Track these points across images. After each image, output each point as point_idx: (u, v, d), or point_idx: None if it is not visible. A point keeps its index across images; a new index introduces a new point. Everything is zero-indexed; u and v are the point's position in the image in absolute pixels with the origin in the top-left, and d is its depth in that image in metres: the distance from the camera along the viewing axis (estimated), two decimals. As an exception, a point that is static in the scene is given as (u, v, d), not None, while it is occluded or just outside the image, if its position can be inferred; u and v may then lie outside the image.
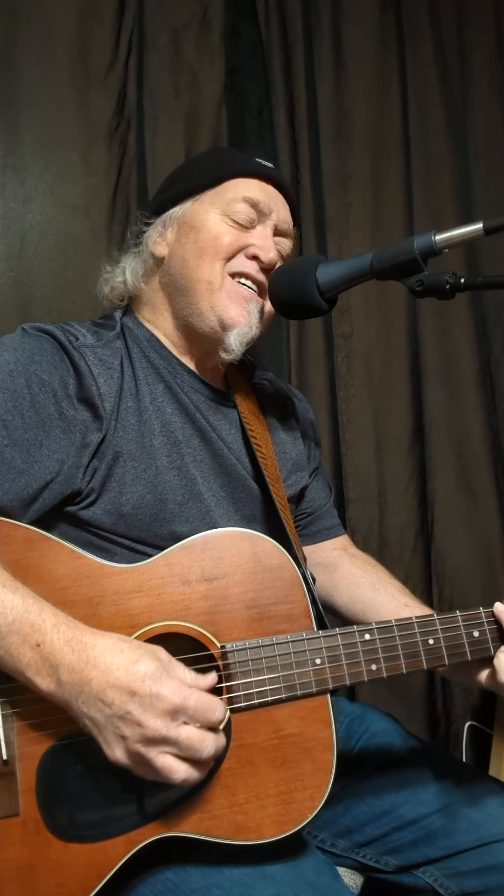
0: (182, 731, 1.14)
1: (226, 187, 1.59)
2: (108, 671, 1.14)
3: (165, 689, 1.13)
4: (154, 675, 1.14)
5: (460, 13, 3.05)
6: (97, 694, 1.14)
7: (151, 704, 1.13)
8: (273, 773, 1.28)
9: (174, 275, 1.60)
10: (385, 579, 1.79)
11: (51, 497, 1.39)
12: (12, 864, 1.20)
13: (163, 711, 1.13)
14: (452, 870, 1.53)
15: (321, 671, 1.32)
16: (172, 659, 1.19)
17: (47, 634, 1.17)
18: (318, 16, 2.80)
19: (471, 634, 1.39)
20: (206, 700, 1.16)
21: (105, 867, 1.22)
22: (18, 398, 1.38)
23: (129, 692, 1.13)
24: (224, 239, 1.56)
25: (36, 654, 1.17)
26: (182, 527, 1.47)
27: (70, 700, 1.16)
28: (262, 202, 1.59)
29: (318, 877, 1.30)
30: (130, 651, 1.17)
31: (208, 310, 1.55)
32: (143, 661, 1.15)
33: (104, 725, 1.15)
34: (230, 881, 1.26)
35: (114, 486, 1.44)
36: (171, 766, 1.14)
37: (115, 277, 1.69)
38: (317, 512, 1.88)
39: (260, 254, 1.56)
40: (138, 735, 1.13)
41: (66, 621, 1.19)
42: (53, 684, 1.16)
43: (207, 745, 1.15)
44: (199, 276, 1.55)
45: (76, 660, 1.15)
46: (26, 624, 1.17)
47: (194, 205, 1.60)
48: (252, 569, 1.33)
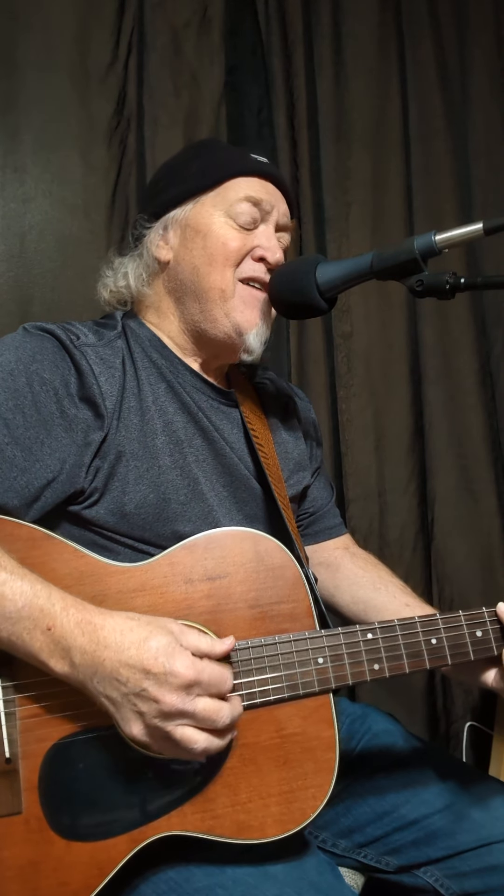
0: (198, 703, 1.15)
1: (227, 188, 1.59)
2: (120, 650, 1.16)
3: (179, 664, 1.14)
4: (167, 651, 1.15)
5: (460, 13, 3.06)
6: (111, 673, 1.15)
7: (166, 680, 1.14)
8: (275, 772, 1.28)
9: (183, 281, 1.59)
10: (386, 579, 1.79)
11: (53, 496, 1.39)
12: (15, 863, 1.20)
13: (178, 686, 1.14)
14: (453, 870, 1.52)
15: (324, 670, 1.31)
16: (184, 628, 1.21)
17: (57, 618, 1.18)
18: (318, 16, 2.80)
19: (474, 634, 1.39)
20: (217, 672, 1.18)
21: (107, 866, 1.22)
22: (20, 397, 1.37)
23: (142, 670, 1.14)
24: (232, 245, 1.55)
25: (48, 638, 1.18)
26: (185, 526, 1.47)
27: (85, 681, 1.17)
28: (265, 200, 1.58)
29: (320, 877, 1.30)
30: (140, 628, 1.18)
31: (223, 317, 1.55)
32: (155, 637, 1.16)
33: (121, 703, 1.16)
34: (233, 881, 1.26)
35: (116, 486, 1.43)
36: (190, 737, 1.16)
37: (116, 282, 1.67)
38: (319, 512, 1.87)
39: (267, 255, 1.56)
40: (155, 710, 1.14)
41: (75, 604, 1.20)
42: (67, 667, 1.18)
43: (224, 714, 1.17)
44: (212, 284, 1.55)
45: (87, 641, 1.17)
46: (36, 608, 1.18)
47: (196, 207, 1.59)
48: (254, 568, 1.33)
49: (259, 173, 1.61)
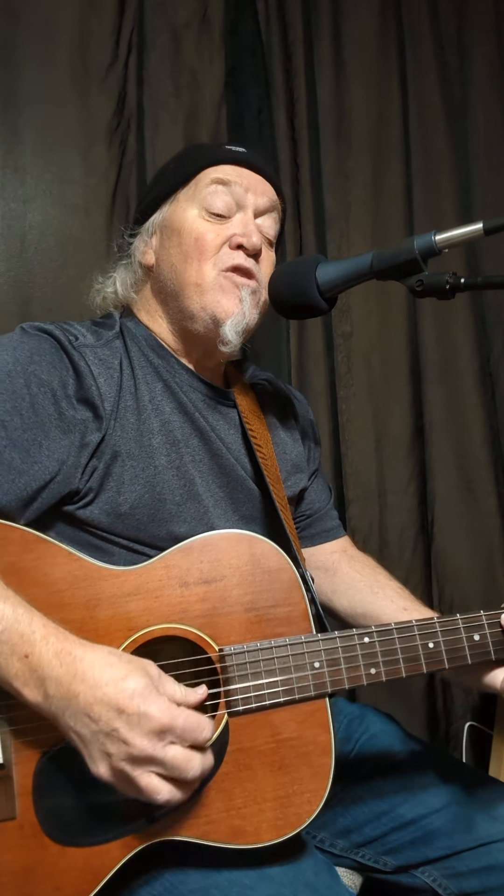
0: (168, 751, 1.12)
1: (198, 180, 1.58)
2: (97, 686, 1.13)
3: (154, 708, 1.12)
4: (143, 693, 1.12)
5: (460, 13, 3.06)
6: (84, 709, 1.12)
7: (139, 723, 1.11)
8: (271, 777, 1.28)
9: (164, 281, 1.59)
10: (384, 582, 1.78)
11: (49, 497, 1.39)
12: (9, 868, 1.20)
13: (150, 731, 1.11)
14: (451, 870, 1.53)
15: (320, 675, 1.31)
16: (163, 674, 1.18)
17: (36, 646, 1.15)
18: (318, 16, 2.80)
19: (471, 638, 1.39)
20: (193, 720, 1.15)
21: (102, 871, 1.21)
22: (17, 398, 1.37)
23: (116, 709, 1.11)
24: (207, 237, 1.54)
25: (24, 666, 1.15)
26: (180, 527, 1.46)
27: (57, 713, 1.15)
28: (234, 182, 1.57)
29: (316, 877, 1.30)
30: (120, 666, 1.15)
31: (200, 310, 1.54)
32: (133, 678, 1.14)
33: (90, 741, 1.13)
34: (229, 882, 1.25)
35: (112, 486, 1.43)
36: (154, 787, 1.13)
37: (106, 288, 1.70)
38: (316, 514, 1.87)
39: (243, 241, 1.54)
40: (124, 753, 1.11)
41: (56, 632, 1.18)
42: (40, 696, 1.15)
43: (194, 766, 1.14)
44: (187, 280, 1.54)
45: (64, 673, 1.14)
46: (15, 634, 1.16)
47: (171, 206, 1.60)
48: (250, 571, 1.33)
49: (230, 161, 1.60)
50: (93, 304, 1.72)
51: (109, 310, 1.69)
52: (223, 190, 1.57)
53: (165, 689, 1.16)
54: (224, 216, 1.56)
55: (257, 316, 1.60)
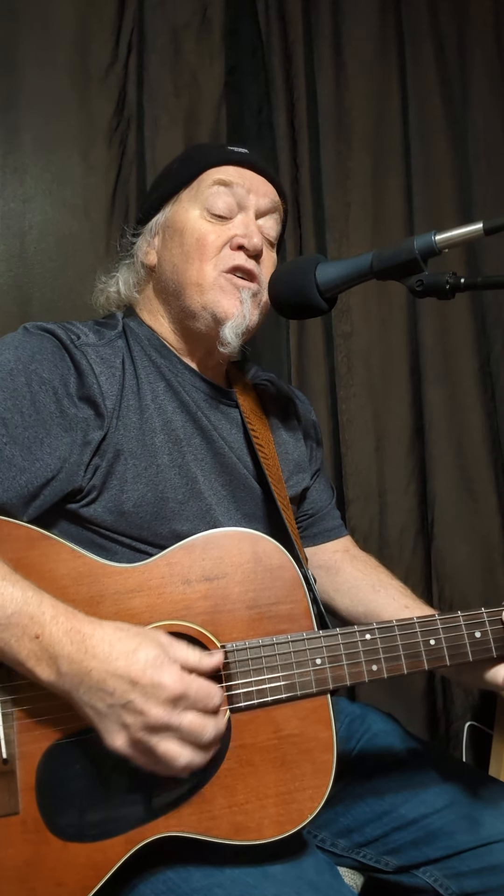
0: (184, 717, 1.15)
1: (200, 180, 1.59)
2: (108, 660, 1.15)
3: (166, 677, 1.14)
4: (155, 663, 1.15)
5: (460, 13, 3.06)
6: (98, 684, 1.14)
7: (153, 693, 1.13)
8: (273, 773, 1.28)
9: (166, 281, 1.60)
10: (386, 581, 1.78)
11: (52, 495, 1.39)
12: (11, 863, 1.20)
13: (165, 699, 1.13)
14: (453, 870, 1.52)
15: (321, 671, 1.31)
16: (173, 640, 1.20)
17: (46, 626, 1.17)
18: (318, 16, 2.80)
19: (472, 635, 1.39)
20: (205, 687, 1.17)
21: (104, 867, 1.22)
22: (18, 396, 1.37)
23: (129, 681, 1.13)
24: (208, 238, 1.55)
25: (35, 646, 1.17)
26: (183, 525, 1.47)
27: (71, 690, 1.17)
28: (236, 183, 1.58)
29: (318, 876, 1.30)
30: (129, 639, 1.17)
31: (201, 309, 1.55)
32: (143, 649, 1.16)
33: (106, 714, 1.15)
34: (231, 881, 1.25)
35: (115, 484, 1.43)
36: (174, 752, 1.15)
37: (108, 288, 1.70)
38: (318, 513, 1.87)
39: (244, 242, 1.55)
40: (141, 723, 1.13)
41: (66, 612, 1.19)
42: (54, 675, 1.17)
43: (209, 730, 1.16)
44: (189, 280, 1.55)
45: (75, 650, 1.16)
46: (25, 616, 1.17)
47: (174, 206, 1.61)
48: (253, 569, 1.33)
49: (232, 162, 1.60)
50: (96, 303, 1.73)
51: (112, 309, 1.69)
52: (225, 191, 1.57)
53: (177, 655, 1.18)
54: (226, 217, 1.57)
55: (258, 317, 1.60)
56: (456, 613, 1.40)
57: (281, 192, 1.67)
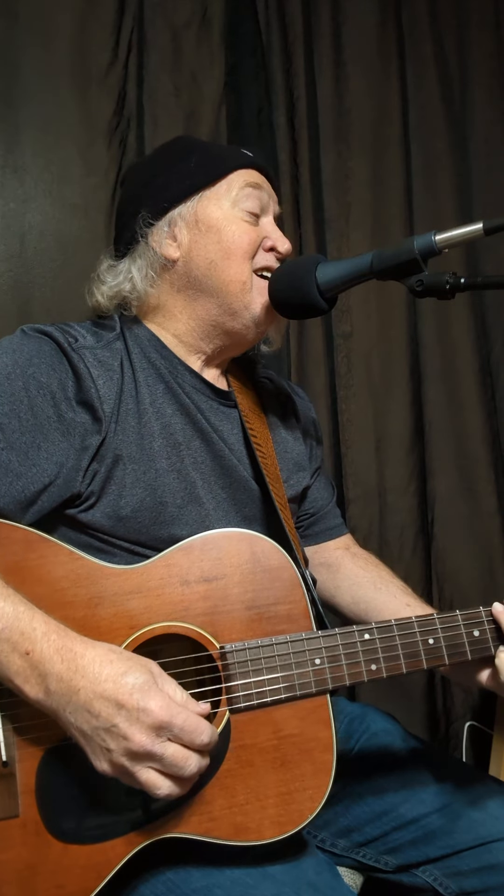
0: (167, 748, 1.13)
1: (230, 181, 1.59)
2: (97, 682, 1.14)
3: (153, 703, 1.13)
4: (142, 689, 1.13)
5: (460, 13, 3.05)
6: (84, 704, 1.14)
7: (138, 718, 1.12)
8: (273, 773, 1.28)
9: (197, 277, 1.58)
10: (387, 579, 1.79)
11: (49, 500, 1.39)
12: (12, 866, 1.20)
13: (149, 726, 1.12)
14: (452, 869, 1.52)
15: (321, 671, 1.31)
16: (164, 673, 1.19)
17: (37, 643, 1.16)
18: (318, 16, 2.80)
19: (471, 634, 1.39)
20: (194, 721, 1.15)
21: (105, 868, 1.22)
22: (16, 401, 1.37)
23: (116, 704, 1.12)
24: (248, 237, 1.56)
25: (25, 663, 1.16)
26: (181, 530, 1.46)
27: (58, 709, 1.16)
28: (263, 185, 1.61)
29: (318, 876, 1.30)
30: (120, 662, 1.16)
31: (243, 308, 1.56)
32: (132, 673, 1.15)
33: (91, 736, 1.14)
34: (231, 881, 1.26)
35: (113, 489, 1.43)
36: (153, 782, 1.14)
37: (120, 285, 1.62)
38: (319, 512, 1.87)
39: (277, 244, 1.59)
40: (123, 748, 1.13)
41: (57, 629, 1.19)
42: (42, 693, 1.16)
43: (190, 765, 1.15)
44: (231, 277, 1.56)
45: (65, 669, 1.15)
46: (16, 632, 1.17)
47: (202, 202, 1.58)
48: (251, 569, 1.33)
49: (253, 166, 1.63)
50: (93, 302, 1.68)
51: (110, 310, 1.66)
52: (256, 194, 1.60)
53: (165, 688, 1.17)
54: (257, 217, 1.60)
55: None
56: (454, 612, 1.40)
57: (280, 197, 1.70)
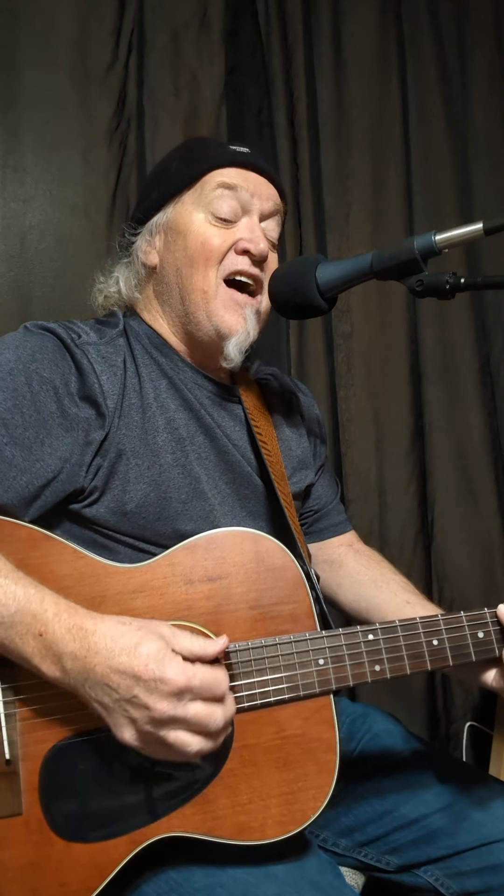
0: (190, 708, 1.14)
1: (204, 182, 1.58)
2: (111, 656, 1.15)
3: (169, 671, 1.13)
4: (157, 657, 1.14)
5: (460, 13, 3.06)
6: (102, 679, 1.14)
7: (157, 687, 1.13)
8: (276, 773, 1.28)
9: (168, 284, 1.59)
10: (388, 576, 1.78)
11: (53, 495, 1.39)
12: (15, 864, 1.20)
13: (169, 693, 1.13)
14: (454, 869, 1.52)
15: (324, 671, 1.31)
16: (176, 630, 1.19)
17: (49, 623, 1.17)
18: (318, 16, 2.80)
19: (476, 635, 1.38)
20: (210, 676, 1.16)
21: (107, 867, 1.22)
22: (18, 396, 1.37)
23: (133, 676, 1.13)
24: (213, 242, 1.54)
25: (39, 644, 1.17)
26: (186, 525, 1.46)
27: (77, 686, 1.17)
28: (240, 187, 1.56)
29: (320, 876, 1.30)
30: (131, 633, 1.17)
31: (205, 319, 1.54)
32: (146, 643, 1.15)
33: (113, 709, 1.15)
34: (233, 880, 1.25)
35: (117, 484, 1.43)
36: (183, 741, 1.15)
37: (108, 288, 1.69)
38: (323, 509, 1.87)
39: (250, 247, 1.55)
40: (146, 717, 1.13)
41: (68, 609, 1.19)
42: (59, 672, 1.17)
43: (216, 718, 1.16)
44: (194, 286, 1.54)
45: (78, 647, 1.16)
46: (28, 614, 1.18)
47: (176, 207, 1.59)
48: (255, 569, 1.33)
49: (236, 164, 1.59)
50: (94, 303, 1.71)
51: (112, 309, 1.68)
52: (229, 194, 1.56)
53: (181, 645, 1.18)
54: (230, 221, 1.56)
55: (259, 329, 1.62)
56: (459, 613, 1.39)
57: (282, 192, 1.66)
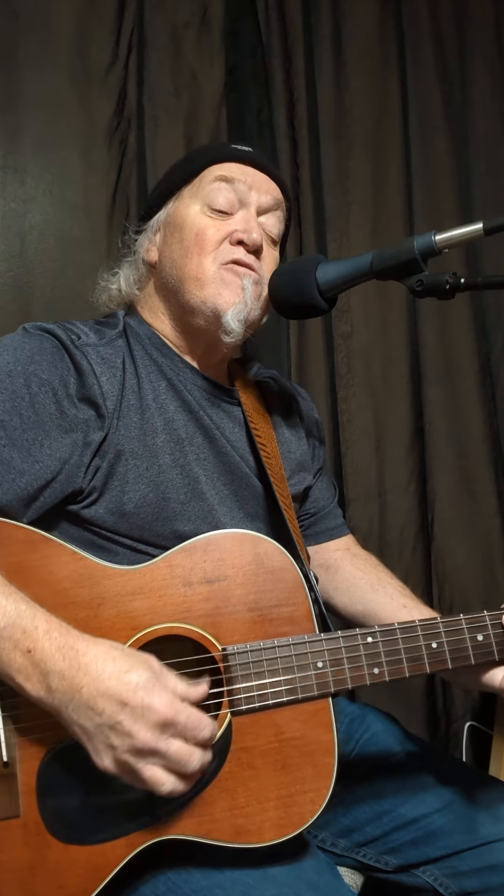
0: (171, 744, 1.13)
1: (202, 177, 1.59)
2: (100, 679, 1.13)
3: (157, 701, 1.13)
4: (146, 686, 1.13)
5: (460, 13, 3.05)
6: (87, 702, 1.13)
7: (143, 715, 1.12)
8: (274, 776, 1.27)
9: (166, 277, 1.59)
10: (385, 580, 1.78)
11: (52, 496, 1.39)
12: (13, 866, 1.20)
13: (154, 723, 1.12)
14: (452, 869, 1.53)
15: (323, 674, 1.31)
16: (164, 668, 1.19)
17: (39, 640, 1.16)
18: (318, 16, 2.80)
19: (475, 638, 1.38)
20: (196, 717, 1.15)
21: (105, 869, 1.22)
22: (17, 398, 1.37)
23: (120, 702, 1.12)
24: (207, 233, 1.54)
25: (27, 660, 1.16)
26: (184, 526, 1.46)
27: (60, 707, 1.15)
28: (237, 179, 1.57)
29: (318, 877, 1.30)
30: (122, 660, 1.16)
31: (200, 304, 1.53)
32: (136, 671, 1.14)
33: (94, 734, 1.14)
34: (231, 882, 1.25)
35: (116, 485, 1.43)
36: (158, 778, 1.13)
37: (110, 286, 1.70)
38: (320, 512, 1.87)
39: (244, 237, 1.54)
40: (127, 745, 1.12)
41: (59, 627, 1.18)
42: (43, 690, 1.15)
43: (194, 760, 1.15)
44: (187, 275, 1.54)
45: (67, 666, 1.15)
46: (18, 630, 1.16)
47: (176, 203, 1.60)
48: (254, 571, 1.33)
49: (235, 158, 1.60)
50: (98, 301, 1.72)
51: (113, 308, 1.69)
52: (226, 187, 1.57)
53: (167, 683, 1.16)
54: (227, 213, 1.56)
55: (259, 310, 1.59)
56: (458, 616, 1.39)
57: (284, 189, 1.66)
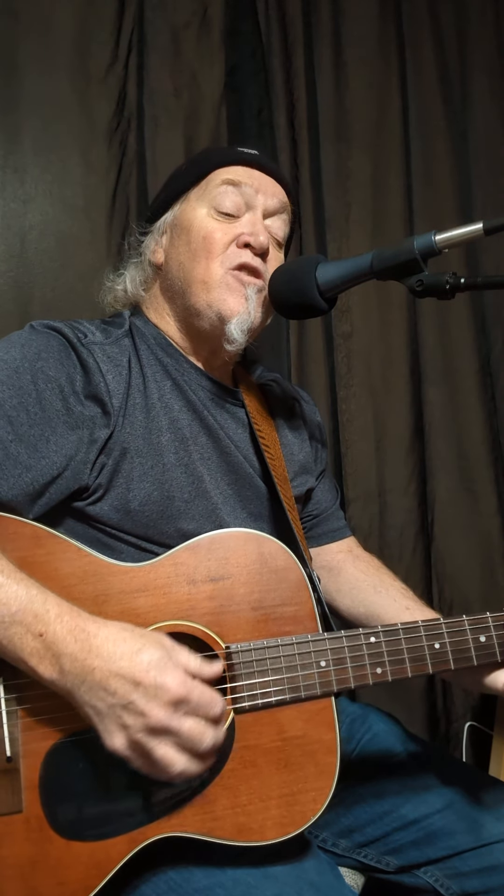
0: (185, 722, 1.14)
1: (209, 180, 1.59)
2: (112, 660, 1.14)
3: (170, 679, 1.13)
4: (158, 665, 1.14)
5: (460, 13, 3.06)
6: (100, 683, 1.14)
7: (155, 694, 1.13)
8: (276, 775, 1.28)
9: (172, 279, 1.60)
10: (388, 582, 1.79)
11: (57, 492, 1.39)
12: (14, 861, 1.20)
13: (167, 702, 1.13)
14: (453, 870, 1.52)
15: (326, 673, 1.31)
16: (176, 645, 1.19)
17: (50, 624, 1.17)
18: (318, 16, 2.81)
19: (477, 639, 1.38)
20: (208, 694, 1.16)
21: (107, 866, 1.21)
22: (24, 394, 1.37)
23: (132, 682, 1.13)
24: (215, 236, 1.55)
25: (39, 644, 1.17)
26: (189, 524, 1.47)
27: (72, 689, 1.16)
28: (244, 183, 1.58)
29: (319, 877, 1.30)
30: (134, 640, 1.17)
31: (206, 307, 1.54)
32: (147, 650, 1.15)
33: (106, 714, 1.15)
34: (233, 881, 1.25)
35: (121, 483, 1.43)
36: (170, 758, 1.14)
37: (116, 286, 1.71)
38: (322, 514, 1.87)
39: (250, 240, 1.54)
40: (141, 724, 1.13)
41: (70, 611, 1.19)
42: (56, 673, 1.16)
43: (207, 738, 1.15)
44: (195, 278, 1.55)
45: (79, 649, 1.15)
46: (30, 614, 1.17)
47: (182, 206, 1.61)
48: (258, 570, 1.33)
49: (242, 162, 1.61)
50: (103, 302, 1.73)
51: (119, 308, 1.69)
52: (233, 190, 1.57)
53: (180, 660, 1.17)
54: (233, 216, 1.57)
55: (262, 315, 1.60)
56: (461, 618, 1.39)
57: (290, 193, 1.67)
